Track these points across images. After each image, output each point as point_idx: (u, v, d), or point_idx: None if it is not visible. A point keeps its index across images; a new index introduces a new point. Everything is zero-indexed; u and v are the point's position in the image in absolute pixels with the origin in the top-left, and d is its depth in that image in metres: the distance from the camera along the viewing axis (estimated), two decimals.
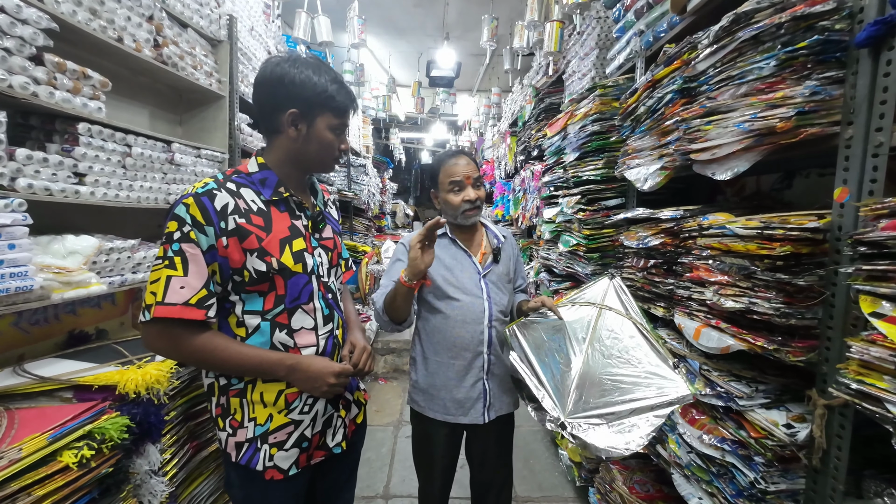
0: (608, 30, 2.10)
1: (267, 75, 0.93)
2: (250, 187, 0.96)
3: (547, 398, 1.09)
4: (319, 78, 0.94)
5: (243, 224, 0.90)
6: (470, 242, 1.42)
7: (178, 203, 0.87)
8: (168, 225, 0.87)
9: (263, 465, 0.96)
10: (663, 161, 1.33)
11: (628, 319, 1.20)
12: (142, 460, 1.07)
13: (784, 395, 1.03)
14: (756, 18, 0.96)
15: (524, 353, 1.19)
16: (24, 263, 1.07)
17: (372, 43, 5.06)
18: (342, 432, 1.09)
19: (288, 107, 0.93)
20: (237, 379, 0.96)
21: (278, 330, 0.96)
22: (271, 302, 0.95)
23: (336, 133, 1.00)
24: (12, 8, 1.06)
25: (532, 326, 1.24)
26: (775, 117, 0.90)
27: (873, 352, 0.70)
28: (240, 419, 0.96)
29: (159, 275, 0.85)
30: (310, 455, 1.03)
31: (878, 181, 0.78)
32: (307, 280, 0.99)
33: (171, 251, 0.85)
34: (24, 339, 1.35)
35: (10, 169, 1.10)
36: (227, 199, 0.89)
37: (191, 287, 0.85)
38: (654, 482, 1.62)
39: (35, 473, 0.81)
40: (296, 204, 1.02)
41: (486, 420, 1.36)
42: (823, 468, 0.87)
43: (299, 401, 0.99)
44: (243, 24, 2.24)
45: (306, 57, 0.98)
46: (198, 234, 0.86)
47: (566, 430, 1.03)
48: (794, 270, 0.90)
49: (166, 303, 0.84)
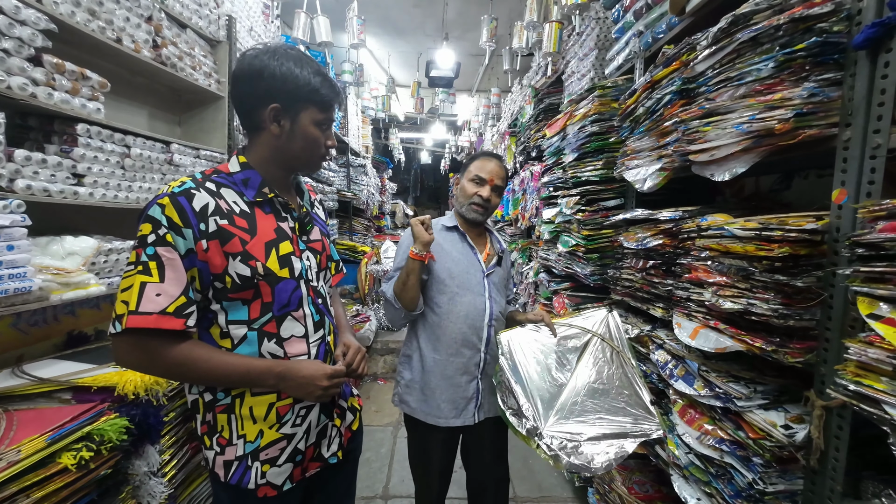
0: (607, 30, 2.11)
1: (245, 68, 0.87)
2: (232, 188, 0.90)
3: (530, 407, 1.14)
4: (301, 70, 0.88)
5: (225, 226, 0.84)
6: (476, 241, 1.46)
7: (152, 203, 0.81)
8: (141, 227, 0.80)
9: (255, 482, 0.90)
10: (662, 162, 1.33)
11: (617, 352, 1.27)
12: (141, 462, 1.07)
13: (782, 395, 1.03)
14: (754, 20, 0.96)
15: (513, 362, 1.24)
16: (22, 264, 1.07)
17: (371, 43, 5.06)
18: (338, 441, 1.05)
19: (269, 102, 0.87)
20: (223, 393, 0.89)
21: (266, 339, 0.90)
22: (257, 310, 0.89)
23: (322, 128, 0.94)
24: (10, 9, 1.06)
25: (525, 336, 1.30)
26: (774, 119, 0.90)
27: (871, 353, 0.70)
28: (227, 437, 0.89)
29: (132, 281, 0.78)
30: (304, 468, 0.98)
31: (876, 183, 0.78)
32: (295, 285, 0.93)
33: (144, 255, 0.78)
34: (23, 340, 1.34)
35: (9, 170, 1.10)
36: (206, 199, 0.83)
37: (167, 294, 0.78)
38: (653, 482, 1.62)
39: (34, 475, 0.81)
40: (281, 205, 0.96)
41: (476, 420, 1.38)
42: (821, 469, 0.88)
43: (291, 413, 0.93)
44: (242, 25, 2.24)
45: (286, 48, 0.91)
46: (175, 236, 0.79)
47: (542, 441, 1.08)
48: (793, 272, 0.90)
49: (140, 311, 0.76)
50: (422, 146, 9.83)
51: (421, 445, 1.45)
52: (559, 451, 1.05)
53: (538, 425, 1.10)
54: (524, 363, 1.23)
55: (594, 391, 1.18)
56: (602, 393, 1.18)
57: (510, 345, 1.26)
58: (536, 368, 1.22)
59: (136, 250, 0.79)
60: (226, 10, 2.08)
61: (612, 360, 1.25)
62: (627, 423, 1.12)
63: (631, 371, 1.23)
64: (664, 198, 1.61)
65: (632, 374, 1.22)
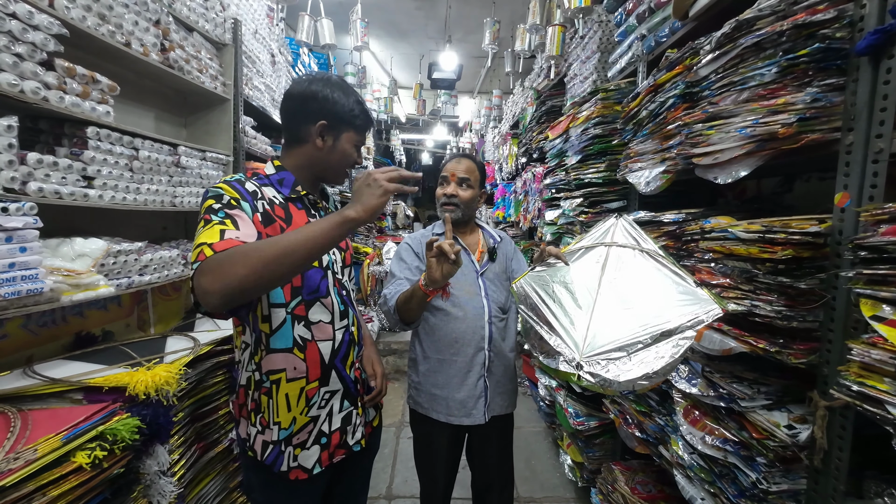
0: (610, 34, 2.12)
1: (301, 90, 1.02)
2: (270, 186, 1.02)
3: (560, 343, 1.00)
4: (347, 99, 1.03)
5: (269, 211, 0.96)
6: (468, 240, 1.47)
7: (211, 189, 0.90)
8: (205, 202, 0.87)
9: (288, 465, 0.98)
10: (665, 164, 1.35)
11: (641, 252, 1.09)
12: (151, 461, 1.08)
13: (785, 396, 1.04)
14: (758, 26, 0.97)
15: (533, 304, 1.11)
16: (34, 266, 1.08)
17: (374, 45, 5.08)
18: (361, 431, 1.13)
19: (318, 119, 1.01)
20: (266, 377, 0.98)
21: (297, 322, 0.99)
22: (288, 293, 0.98)
23: (356, 149, 1.09)
24: (24, 14, 1.07)
25: (540, 276, 1.16)
26: (777, 123, 0.92)
27: (874, 354, 0.71)
28: (267, 419, 0.99)
29: (210, 230, 0.80)
30: (331, 453, 1.05)
31: (879, 187, 0.79)
32: (322, 274, 1.04)
33: (216, 217, 0.84)
34: (32, 341, 1.36)
35: (22, 173, 1.11)
36: (254, 188, 0.97)
37: (246, 236, 0.83)
38: (656, 483, 1.63)
39: (49, 474, 0.82)
40: (311, 203, 1.08)
41: (486, 419, 1.38)
42: (825, 469, 0.89)
43: (317, 396, 1.02)
44: (247, 28, 2.26)
45: (336, 78, 1.08)
46: (241, 202, 0.90)
47: (583, 370, 0.93)
48: (796, 274, 0.91)
49: (225, 239, 0.78)
50: (423, 147, 9.85)
51: (427, 440, 1.45)
52: (604, 375, 0.90)
53: (574, 356, 0.95)
54: (545, 301, 1.09)
55: (627, 299, 1.01)
56: (636, 298, 1.01)
57: (524, 289, 1.14)
58: (559, 302, 1.08)
59: (205, 217, 0.85)
60: (231, 14, 2.10)
61: (636, 261, 1.08)
62: (675, 317, 0.92)
63: (661, 262, 1.05)
64: (666, 200, 1.62)
65: (664, 265, 1.05)
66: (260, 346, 0.98)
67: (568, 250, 1.19)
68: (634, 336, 0.92)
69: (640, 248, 1.09)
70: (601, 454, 2.08)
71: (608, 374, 0.89)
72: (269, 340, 0.98)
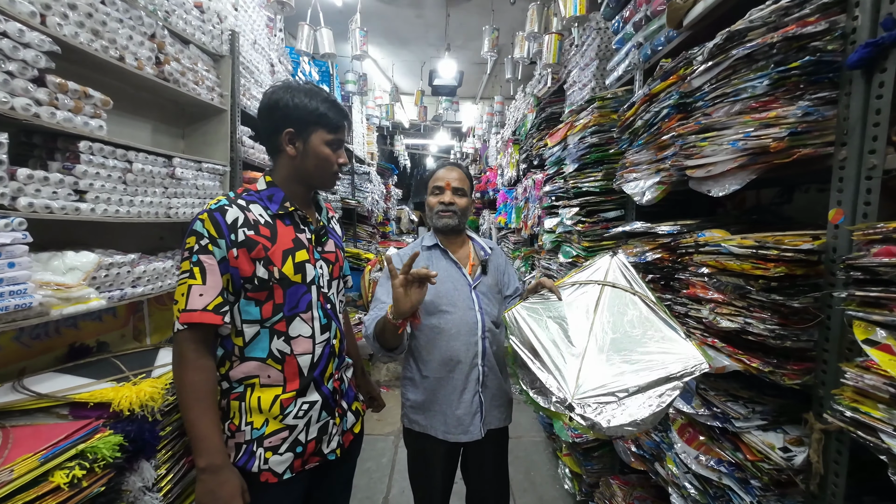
0: (608, 41, 2.10)
1: (265, 103, 1.05)
2: (259, 202, 1.05)
3: (552, 380, 1.00)
4: (311, 101, 1.04)
5: (251, 235, 0.99)
6: (459, 254, 1.45)
7: (195, 220, 0.97)
8: (187, 241, 0.97)
9: (258, 467, 1.00)
10: (660, 175, 1.32)
11: (634, 294, 1.10)
12: (135, 477, 1.07)
13: (781, 416, 1.01)
14: (749, 37, 0.95)
15: (525, 337, 1.10)
16: (23, 281, 1.08)
17: (375, 52, 5.10)
18: (337, 440, 1.13)
19: (284, 127, 1.03)
20: (238, 383, 1.02)
21: (276, 337, 1.03)
22: (269, 311, 1.02)
23: (332, 148, 1.08)
24: (14, 32, 1.08)
25: (532, 309, 1.15)
26: (769, 137, 0.89)
27: (867, 379, 0.69)
28: (237, 423, 1.01)
29: (183, 288, 0.94)
30: (304, 461, 1.06)
31: (873, 203, 0.76)
32: (305, 290, 1.06)
33: (191, 264, 0.95)
34: (25, 353, 1.36)
35: (12, 188, 1.12)
36: (237, 214, 0.99)
37: (208, 294, 0.94)
38: (654, 498, 1.59)
39: (26, 495, 0.81)
40: (300, 218, 1.10)
41: (482, 434, 1.36)
42: (821, 494, 0.85)
43: (294, 406, 1.04)
44: (246, 39, 2.27)
45: (300, 83, 1.09)
46: (213, 246, 0.96)
47: (574, 412, 0.93)
48: (789, 292, 0.89)
49: (188, 309, 0.93)
50: (427, 152, 9.87)
51: (423, 457, 1.43)
52: (595, 418, 0.90)
53: (566, 396, 0.95)
54: (537, 335, 1.09)
55: (619, 343, 1.02)
56: (627, 342, 1.01)
57: (517, 321, 1.14)
58: (551, 337, 1.08)
59: (186, 260, 0.96)
60: (229, 25, 2.11)
61: (629, 305, 1.09)
62: (666, 364, 0.94)
63: (652, 309, 1.06)
64: (665, 208, 1.60)
65: (655, 312, 1.05)
66: (231, 358, 1.03)
67: (561, 283, 1.20)
68: (624, 382, 0.94)
69: (633, 291, 1.11)
70: (600, 467, 2.04)
71: (599, 419, 0.90)
72: (243, 352, 1.02)
